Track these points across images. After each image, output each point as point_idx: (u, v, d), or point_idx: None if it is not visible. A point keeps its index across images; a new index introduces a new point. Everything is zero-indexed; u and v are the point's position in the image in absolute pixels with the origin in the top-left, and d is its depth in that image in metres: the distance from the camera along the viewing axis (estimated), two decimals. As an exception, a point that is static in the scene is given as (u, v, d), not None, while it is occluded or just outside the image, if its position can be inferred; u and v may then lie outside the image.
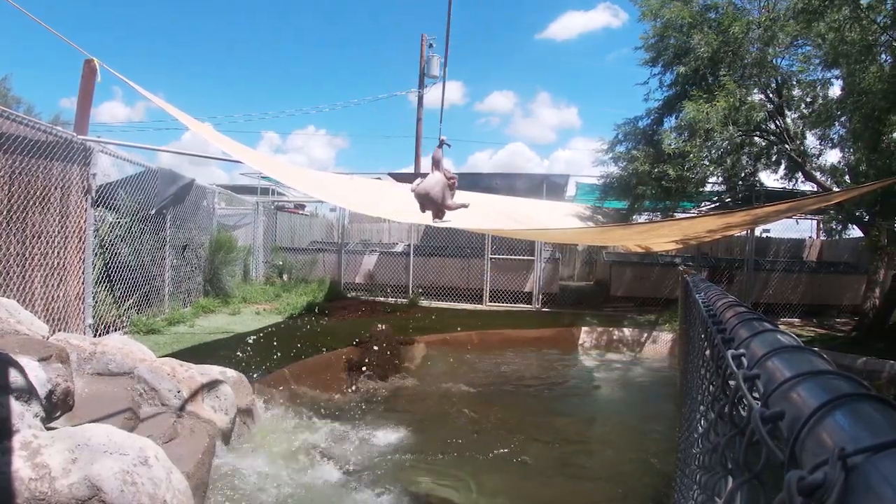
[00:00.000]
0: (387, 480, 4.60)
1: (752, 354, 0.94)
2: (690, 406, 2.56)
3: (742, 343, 1.06)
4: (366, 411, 6.40)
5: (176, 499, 2.87)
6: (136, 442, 3.01)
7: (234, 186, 17.71)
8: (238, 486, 4.20)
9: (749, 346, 1.01)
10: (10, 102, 29.22)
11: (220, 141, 6.78)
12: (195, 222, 10.75)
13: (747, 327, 1.16)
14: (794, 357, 0.83)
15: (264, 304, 11.89)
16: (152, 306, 8.91)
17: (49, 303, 6.44)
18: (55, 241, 6.55)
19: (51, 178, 6.43)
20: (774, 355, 0.86)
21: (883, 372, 7.85)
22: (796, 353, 0.85)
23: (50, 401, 3.30)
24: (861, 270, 12.84)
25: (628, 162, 10.91)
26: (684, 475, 2.40)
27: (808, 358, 0.81)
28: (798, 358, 0.82)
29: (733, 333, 1.19)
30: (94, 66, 6.84)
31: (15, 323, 4.06)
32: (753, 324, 1.17)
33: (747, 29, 9.78)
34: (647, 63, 11.18)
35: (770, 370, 0.82)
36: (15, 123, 5.80)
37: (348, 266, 14.82)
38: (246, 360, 6.41)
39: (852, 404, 0.59)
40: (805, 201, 8.32)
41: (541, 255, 13.59)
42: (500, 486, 4.78)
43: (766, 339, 1.00)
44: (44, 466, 2.57)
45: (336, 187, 7.67)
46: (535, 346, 10.19)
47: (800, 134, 10.66)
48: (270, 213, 16.06)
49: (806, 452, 0.58)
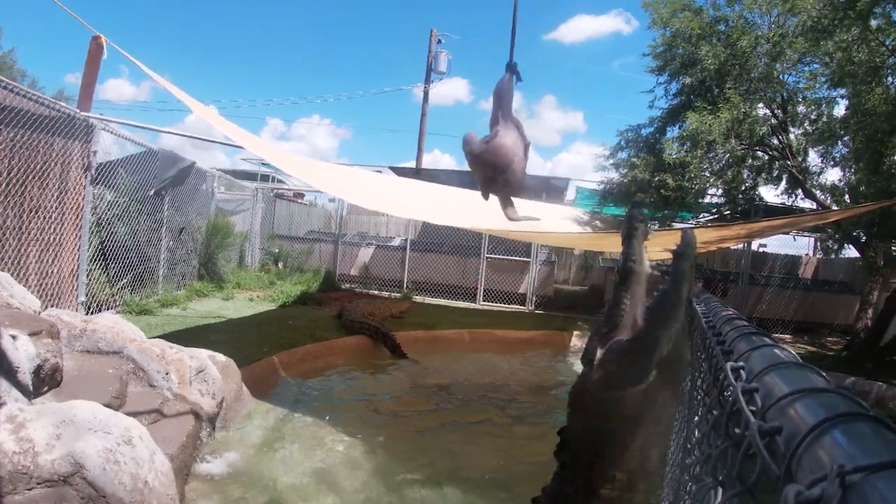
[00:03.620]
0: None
1: (751, 368, 0.94)
2: (683, 416, 2.56)
3: (741, 356, 1.06)
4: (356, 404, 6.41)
5: (157, 480, 2.86)
6: (122, 421, 3.00)
7: (235, 171, 17.66)
8: (220, 470, 4.19)
9: (748, 359, 1.01)
10: (14, 76, 29.03)
11: (224, 125, 6.77)
12: (193, 205, 10.73)
13: (747, 341, 1.15)
14: (793, 373, 0.83)
15: (258, 290, 11.87)
16: (146, 287, 8.88)
17: (43, 278, 6.42)
18: (52, 216, 6.52)
19: (51, 154, 6.40)
20: (773, 370, 0.86)
21: (871, 393, 7.88)
22: (795, 369, 0.85)
23: (38, 376, 3.29)
24: (855, 290, 12.88)
25: (629, 169, 10.94)
26: (671, 485, 2.40)
27: (808, 375, 0.81)
28: (797, 374, 0.82)
29: (732, 346, 1.18)
30: (101, 43, 6.81)
31: (7, 296, 4.05)
32: (753, 338, 1.16)
33: (756, 43, 9.80)
34: (653, 71, 11.23)
35: (768, 385, 0.82)
36: (18, 97, 5.77)
37: (344, 257, 14.82)
38: (236, 346, 6.40)
39: (851, 423, 0.59)
40: (803, 218, 8.34)
41: (537, 257, 13.60)
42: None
43: (765, 353, 1.00)
44: (28, 441, 2.56)
45: (337, 178, 7.64)
46: (527, 347, 10.20)
47: (802, 151, 10.70)
48: (269, 200, 16.03)
49: (802, 468, 0.57)
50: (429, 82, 23.33)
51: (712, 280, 13.39)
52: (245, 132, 7.21)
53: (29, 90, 6.14)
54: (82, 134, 6.89)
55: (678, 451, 2.35)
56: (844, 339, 11.96)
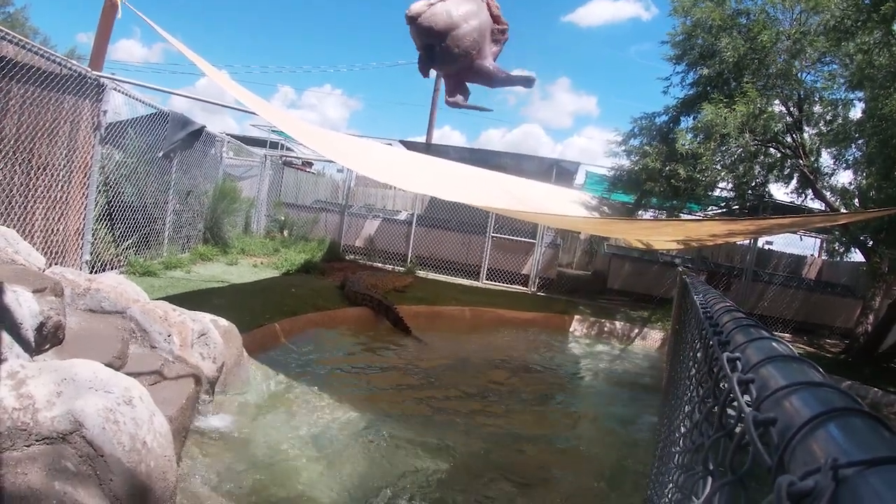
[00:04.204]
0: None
1: (747, 360, 0.94)
2: (674, 406, 2.57)
3: (738, 348, 1.06)
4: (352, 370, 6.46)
5: (156, 441, 2.89)
6: (122, 381, 3.02)
7: (244, 137, 17.64)
8: (218, 434, 4.24)
9: (745, 351, 1.01)
10: (27, 32, 28.92)
11: (236, 90, 6.72)
12: (201, 169, 10.72)
13: (744, 333, 1.15)
14: (789, 366, 0.83)
15: (262, 257, 11.91)
16: (151, 249, 8.91)
17: (48, 236, 6.44)
18: (60, 174, 6.52)
19: (61, 112, 6.38)
20: (770, 363, 0.86)
21: (866, 398, 7.89)
22: (792, 362, 0.85)
23: (40, 333, 3.32)
24: (857, 295, 12.84)
25: (640, 157, 10.89)
26: (661, 473, 2.42)
27: (804, 369, 0.81)
28: (794, 368, 0.82)
29: (729, 337, 1.18)
30: (116, 1, 6.76)
31: (12, 253, 4.06)
32: (750, 330, 1.16)
33: (776, 39, 9.68)
34: (671, 59, 11.13)
35: (764, 377, 0.82)
36: (30, 53, 5.73)
37: (350, 228, 14.81)
38: (238, 312, 6.43)
39: (846, 418, 0.59)
40: (812, 218, 8.30)
41: (542, 239, 13.57)
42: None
43: (762, 346, 1.00)
44: (28, 397, 2.58)
45: (347, 149, 7.62)
46: (527, 328, 10.26)
47: (815, 151, 10.61)
48: (277, 167, 16.01)
49: (795, 460, 0.58)
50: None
51: (716, 274, 13.37)
52: (257, 98, 7.17)
53: (41, 47, 6.08)
54: (93, 93, 6.86)
55: (666, 439, 2.36)
56: (843, 343, 11.96)
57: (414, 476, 4.32)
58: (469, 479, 4.49)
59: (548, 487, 4.65)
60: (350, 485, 4.02)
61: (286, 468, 4.07)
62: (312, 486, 3.91)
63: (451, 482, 4.36)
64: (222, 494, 3.50)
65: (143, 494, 2.71)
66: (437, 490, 4.18)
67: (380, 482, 4.16)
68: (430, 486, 4.21)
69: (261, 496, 3.66)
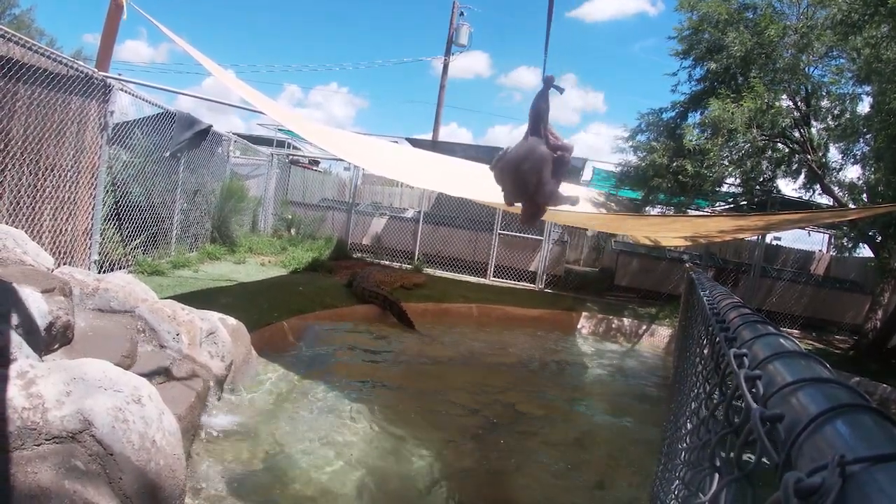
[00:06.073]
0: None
1: (754, 356, 0.93)
2: (681, 402, 2.57)
3: (745, 344, 1.05)
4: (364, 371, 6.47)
5: (165, 440, 2.90)
6: (131, 380, 3.03)
7: (251, 136, 17.64)
8: (226, 432, 4.26)
9: (751, 347, 1.01)
10: (33, 34, 28.97)
11: (243, 89, 6.74)
12: (208, 168, 10.74)
13: (751, 329, 1.15)
14: (796, 362, 0.83)
15: (270, 256, 11.94)
16: (158, 248, 8.95)
17: (57, 236, 6.47)
18: (68, 175, 6.55)
19: (68, 113, 6.41)
20: (777, 359, 0.86)
21: (875, 394, 7.85)
22: (799, 359, 0.85)
23: (49, 333, 3.34)
24: (866, 291, 12.72)
25: (647, 152, 10.84)
26: (667, 469, 2.41)
27: (812, 365, 0.81)
28: (801, 364, 0.82)
29: (736, 333, 1.18)
30: (121, 3, 6.79)
31: (21, 253, 4.08)
32: (757, 326, 1.16)
33: (783, 33, 9.61)
34: (678, 55, 11.06)
35: (771, 373, 0.82)
36: (36, 55, 5.76)
37: (357, 227, 14.81)
38: (246, 310, 6.45)
39: (854, 415, 0.59)
40: (820, 214, 8.26)
41: (549, 235, 13.53)
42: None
43: (769, 342, 0.99)
44: (38, 397, 2.59)
45: (354, 146, 7.63)
46: (534, 325, 10.25)
47: (823, 146, 10.53)
48: (284, 166, 16.02)
49: (802, 457, 0.57)
50: (449, 55, 23.16)
51: (724, 270, 13.32)
52: (264, 97, 7.19)
53: (47, 48, 6.10)
54: (99, 94, 6.88)
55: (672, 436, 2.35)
56: (852, 339, 11.87)
57: (426, 474, 4.32)
58: (480, 479, 4.49)
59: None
60: (360, 483, 4.03)
61: (295, 466, 4.09)
62: (321, 485, 3.92)
63: (464, 480, 4.36)
64: (231, 492, 3.52)
65: (152, 493, 2.72)
66: (452, 489, 4.19)
67: (390, 480, 4.17)
68: (443, 485, 4.22)
69: (269, 494, 3.67)
